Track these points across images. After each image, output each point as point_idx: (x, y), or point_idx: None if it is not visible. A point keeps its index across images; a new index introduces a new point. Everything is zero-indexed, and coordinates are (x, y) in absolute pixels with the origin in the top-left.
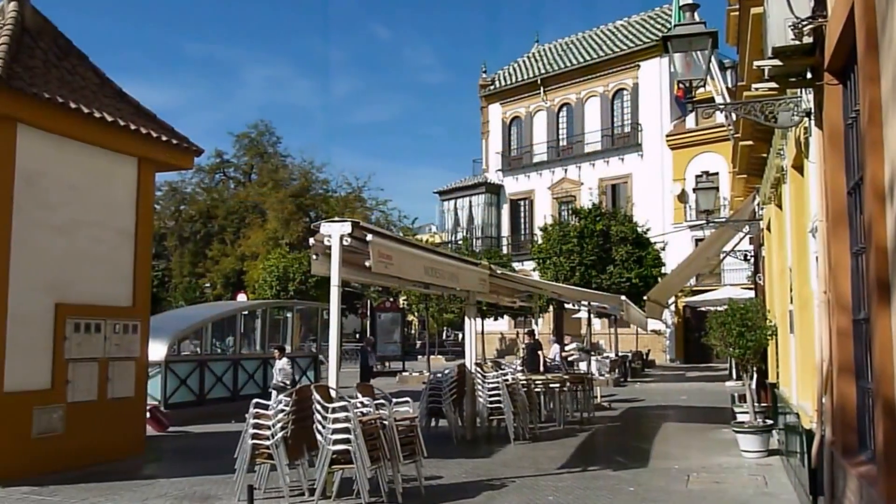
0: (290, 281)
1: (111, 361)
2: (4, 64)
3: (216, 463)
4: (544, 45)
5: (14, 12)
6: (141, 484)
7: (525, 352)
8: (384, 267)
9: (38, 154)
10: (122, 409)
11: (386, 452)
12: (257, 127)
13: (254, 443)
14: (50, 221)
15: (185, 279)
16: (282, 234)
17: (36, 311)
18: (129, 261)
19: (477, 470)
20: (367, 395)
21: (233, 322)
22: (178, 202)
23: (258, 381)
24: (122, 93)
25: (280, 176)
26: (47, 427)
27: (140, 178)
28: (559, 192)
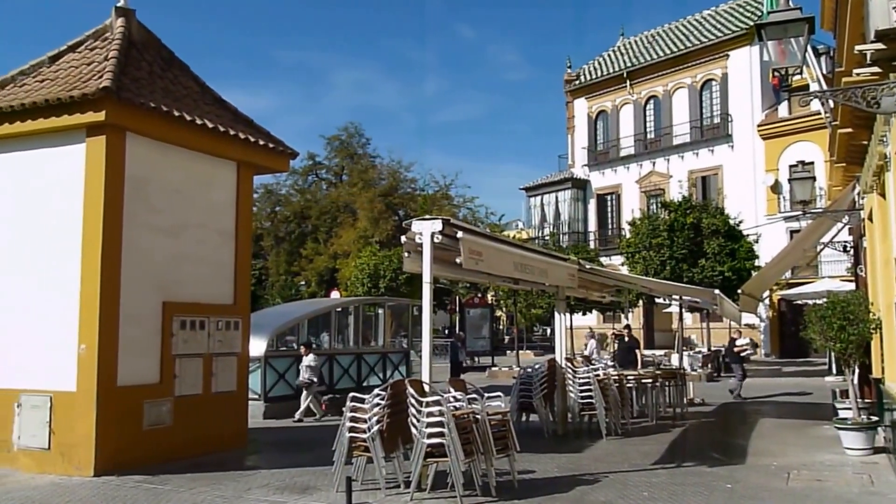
0: (381, 278)
1: (215, 357)
2: (114, 77)
3: (314, 455)
4: (630, 37)
5: (122, 28)
6: (244, 474)
7: (617, 347)
8: (475, 263)
9: (145, 160)
10: (226, 402)
11: (479, 446)
12: (347, 129)
13: (351, 436)
14: (156, 224)
15: (281, 277)
16: (372, 232)
17: (145, 309)
18: (230, 260)
19: (569, 464)
20: (460, 389)
21: (327, 318)
22: (274, 204)
23: (352, 376)
24: (221, 100)
25: (370, 176)
26: (157, 419)
27: (239, 181)
28: (647, 185)
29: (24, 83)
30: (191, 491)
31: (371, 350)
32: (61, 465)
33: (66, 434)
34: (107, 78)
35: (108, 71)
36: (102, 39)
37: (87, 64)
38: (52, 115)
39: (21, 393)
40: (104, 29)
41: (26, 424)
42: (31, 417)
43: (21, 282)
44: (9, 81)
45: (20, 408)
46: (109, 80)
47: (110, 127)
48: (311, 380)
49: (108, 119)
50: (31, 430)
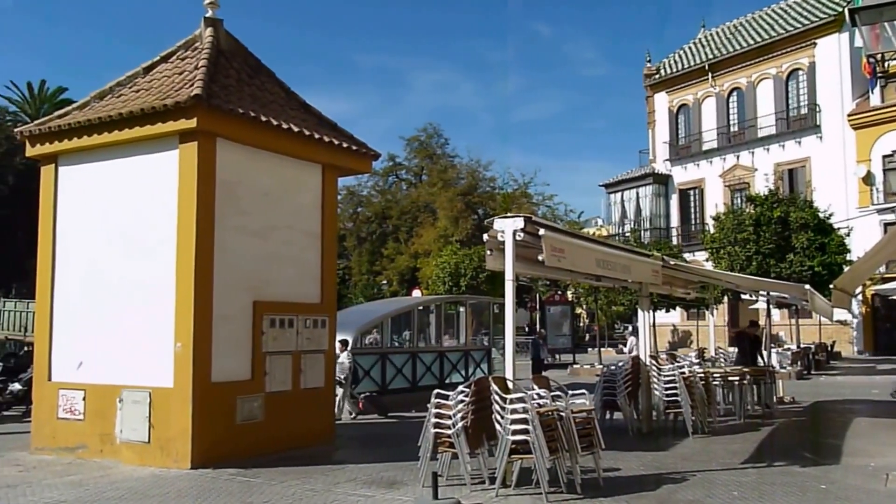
0: (462, 276)
1: (303, 354)
2: (204, 85)
3: (399, 450)
4: (711, 29)
5: (211, 37)
6: (332, 468)
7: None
8: (557, 260)
9: (235, 165)
10: (314, 398)
11: (564, 444)
12: (426, 130)
13: (436, 432)
14: (246, 226)
15: (363, 277)
16: (452, 231)
17: (237, 308)
18: (316, 261)
19: (655, 463)
20: (543, 386)
21: (409, 317)
22: (356, 205)
23: (435, 373)
24: (305, 104)
25: (449, 176)
26: (249, 415)
27: (324, 183)
28: (731, 179)
29: (120, 94)
30: (282, 484)
31: (453, 348)
32: (160, 458)
33: (164, 428)
34: (197, 86)
35: (198, 79)
36: (192, 49)
37: (178, 73)
38: (147, 124)
39: (123, 389)
40: (194, 39)
41: (128, 419)
42: (132, 412)
43: (121, 284)
44: (107, 92)
45: (122, 403)
46: (200, 89)
47: (202, 133)
48: (339, 378)
49: (200, 126)
50: (132, 424)
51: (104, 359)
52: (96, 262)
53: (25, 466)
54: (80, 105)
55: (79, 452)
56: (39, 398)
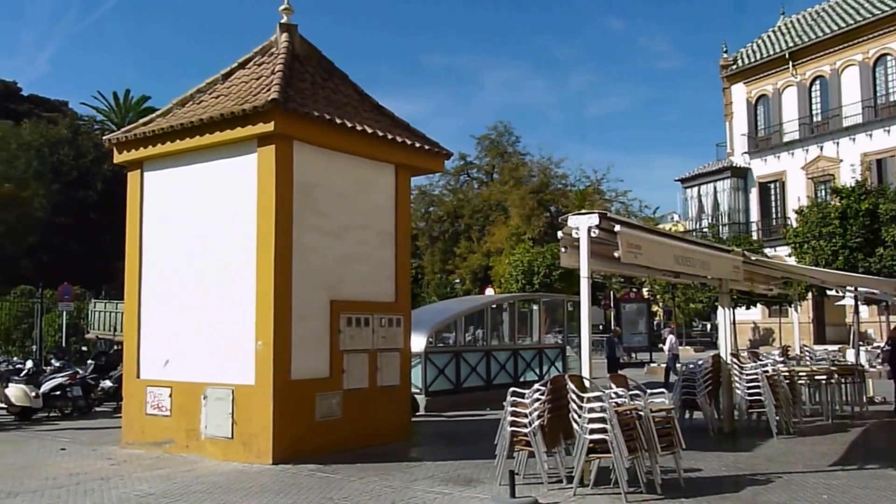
0: (535, 274)
1: (379, 352)
2: (281, 89)
3: (475, 448)
4: (791, 16)
5: (286, 42)
6: (409, 465)
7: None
8: (633, 257)
9: (311, 167)
10: (390, 396)
11: (643, 443)
12: (497, 128)
13: (512, 430)
14: (323, 227)
15: (436, 276)
16: (524, 229)
17: (315, 307)
18: (391, 260)
19: (738, 464)
20: (621, 385)
21: (482, 315)
22: (427, 204)
23: (509, 371)
24: (378, 106)
25: (520, 174)
26: (327, 412)
27: (398, 183)
28: (814, 171)
29: (201, 100)
30: (361, 480)
31: (527, 346)
32: (243, 454)
33: (246, 424)
34: (274, 91)
35: (275, 84)
36: (269, 55)
37: (255, 79)
38: (227, 129)
39: (207, 386)
40: (270, 45)
41: (212, 415)
42: (215, 409)
43: (205, 285)
44: (188, 99)
45: (206, 400)
46: (277, 93)
47: (279, 136)
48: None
49: (277, 129)
50: (216, 420)
51: (189, 357)
52: (180, 264)
53: (117, 460)
54: (164, 112)
55: (166, 447)
56: (129, 395)
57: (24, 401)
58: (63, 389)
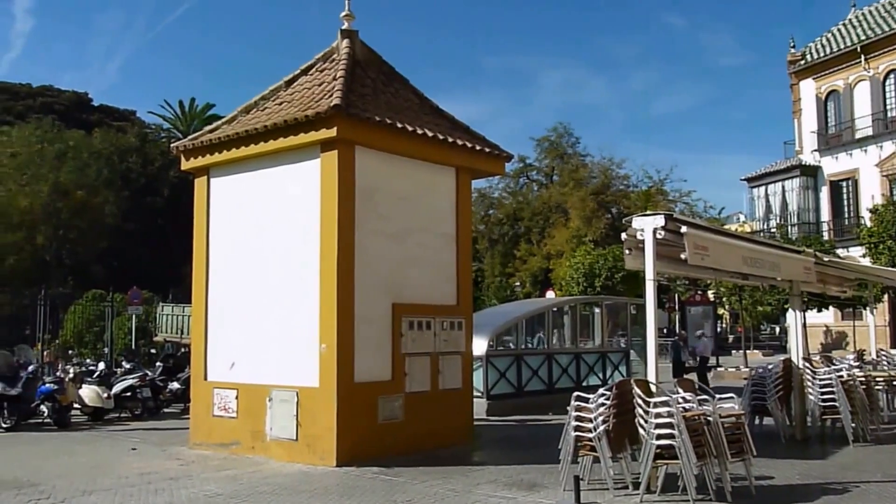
0: (597, 277)
1: (441, 356)
2: (343, 95)
3: (539, 452)
4: (863, 8)
5: (347, 48)
6: (472, 469)
7: None
8: (700, 259)
9: (373, 171)
10: (452, 399)
11: (712, 449)
12: (556, 129)
13: (576, 435)
14: (384, 230)
15: (496, 279)
16: (585, 231)
17: (377, 311)
18: (452, 263)
19: (811, 472)
20: (688, 390)
21: (543, 318)
22: (487, 207)
23: (572, 375)
24: (438, 109)
25: (580, 175)
26: (390, 414)
27: (458, 186)
28: (889, 168)
29: (265, 107)
30: (423, 483)
31: (589, 349)
32: (307, 455)
33: (310, 426)
34: (336, 96)
35: (336, 90)
36: (330, 61)
37: (318, 85)
38: (290, 135)
39: (272, 388)
40: (331, 51)
41: (277, 417)
42: (280, 411)
43: (269, 289)
44: (252, 106)
45: (271, 402)
46: (339, 99)
47: (341, 142)
48: None
49: (339, 134)
50: (281, 422)
51: (254, 359)
52: (246, 268)
53: (185, 461)
54: (229, 119)
55: (232, 448)
56: (196, 397)
57: (96, 401)
58: (133, 391)
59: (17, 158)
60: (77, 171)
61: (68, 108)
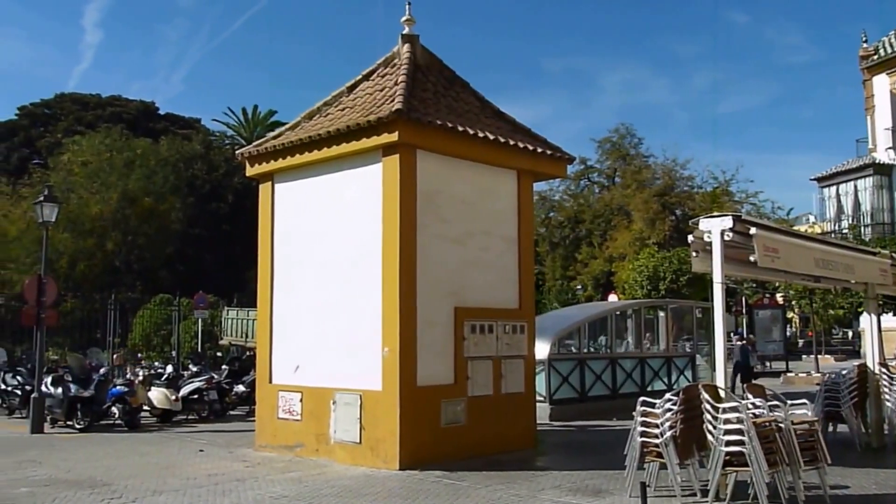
0: (661, 280)
1: (503, 359)
2: (404, 99)
3: (603, 458)
4: None
5: (408, 53)
6: (535, 474)
7: None
8: (770, 261)
9: (434, 175)
10: (515, 403)
11: (784, 457)
12: (618, 130)
13: (642, 440)
14: (446, 234)
15: (557, 282)
16: (648, 233)
17: (439, 314)
18: (513, 266)
19: (889, 482)
20: (759, 395)
21: (606, 322)
22: (548, 209)
23: (636, 380)
24: (499, 112)
25: (643, 176)
26: (452, 418)
27: (520, 188)
28: None
29: (327, 112)
30: (487, 488)
31: (654, 354)
32: (371, 459)
33: (374, 429)
34: (398, 101)
35: (398, 94)
36: (391, 66)
37: (379, 90)
38: (353, 140)
39: (335, 391)
40: (392, 56)
41: (340, 420)
42: (344, 414)
43: (332, 292)
44: (315, 112)
45: (335, 405)
46: (400, 103)
47: (403, 146)
48: None
49: (401, 139)
50: (344, 425)
51: (318, 363)
52: (308, 272)
53: (251, 462)
54: (292, 126)
55: (297, 451)
56: (261, 399)
57: (165, 403)
58: (200, 393)
59: (88, 167)
60: (145, 179)
61: (136, 117)
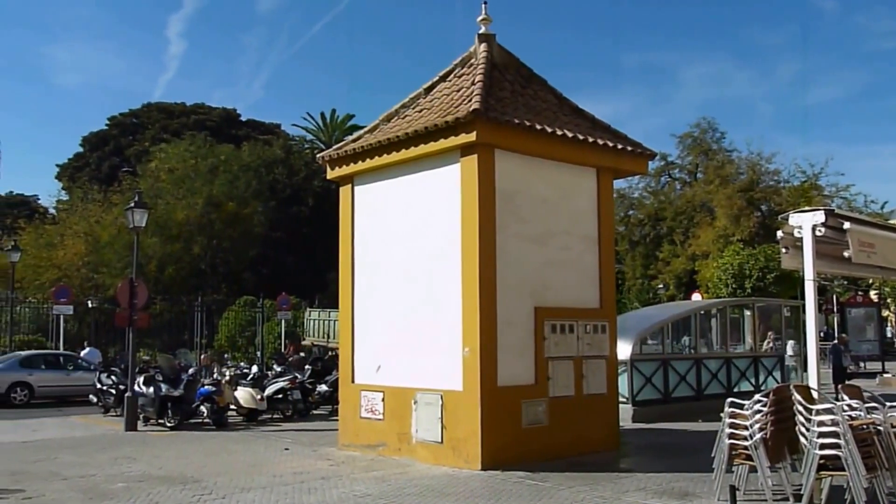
0: (747, 278)
1: (584, 360)
2: (482, 99)
3: (689, 460)
4: None
5: (485, 52)
6: (619, 476)
7: None
8: (866, 256)
9: (513, 174)
10: (597, 404)
11: (883, 461)
12: (699, 125)
13: (731, 443)
14: (525, 233)
15: (637, 281)
16: (732, 230)
17: (519, 314)
18: (594, 265)
19: None
20: (855, 397)
21: (689, 322)
22: (627, 207)
23: (721, 381)
24: (578, 109)
25: (726, 172)
26: (534, 419)
27: (600, 186)
28: None
29: (405, 115)
30: (570, 489)
31: (740, 354)
32: (452, 458)
33: (455, 429)
34: (475, 101)
35: (475, 94)
36: (468, 66)
37: (456, 90)
38: (431, 141)
39: (417, 391)
40: (469, 56)
41: (422, 420)
42: (425, 413)
43: (412, 292)
44: (393, 115)
45: (416, 405)
46: (478, 103)
47: (481, 146)
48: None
49: (479, 139)
50: (426, 425)
51: (399, 363)
52: (389, 272)
53: (335, 461)
54: (371, 128)
55: (379, 450)
56: (344, 399)
57: (250, 403)
58: (284, 393)
59: (174, 174)
60: (228, 184)
61: (219, 124)
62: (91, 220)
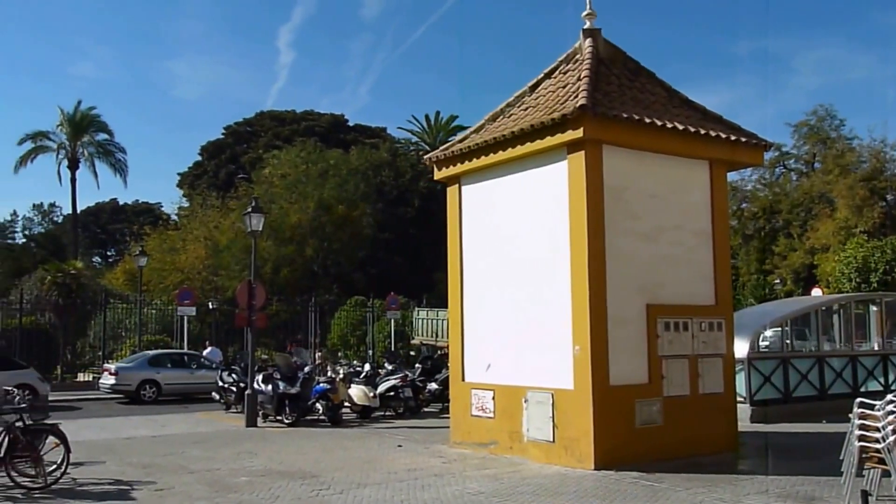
0: (872, 271)
1: (700, 358)
2: (588, 94)
3: (814, 463)
4: None
5: (590, 47)
6: (739, 479)
7: None
8: None
9: (621, 169)
10: (713, 404)
11: None
12: (816, 113)
13: (861, 445)
14: (635, 229)
15: (752, 276)
16: (855, 222)
17: (630, 312)
18: (708, 261)
19: None
20: None
21: (809, 318)
22: (739, 201)
23: (846, 380)
24: (688, 101)
25: (847, 160)
26: (648, 419)
27: (712, 179)
28: None
29: (510, 113)
30: (687, 491)
31: (867, 352)
32: (564, 458)
33: (566, 428)
34: (582, 97)
35: (581, 90)
36: (573, 62)
37: (562, 87)
38: (537, 139)
39: (527, 390)
40: (574, 52)
41: (533, 418)
42: (536, 412)
43: (521, 290)
44: (499, 114)
45: (527, 403)
46: (584, 99)
47: (588, 142)
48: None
49: (586, 135)
50: (537, 423)
51: (509, 361)
52: (497, 271)
53: (447, 459)
54: (476, 128)
55: (490, 448)
56: (455, 397)
57: (364, 400)
58: (396, 391)
59: (287, 179)
60: (338, 188)
61: (327, 129)
62: (210, 226)
